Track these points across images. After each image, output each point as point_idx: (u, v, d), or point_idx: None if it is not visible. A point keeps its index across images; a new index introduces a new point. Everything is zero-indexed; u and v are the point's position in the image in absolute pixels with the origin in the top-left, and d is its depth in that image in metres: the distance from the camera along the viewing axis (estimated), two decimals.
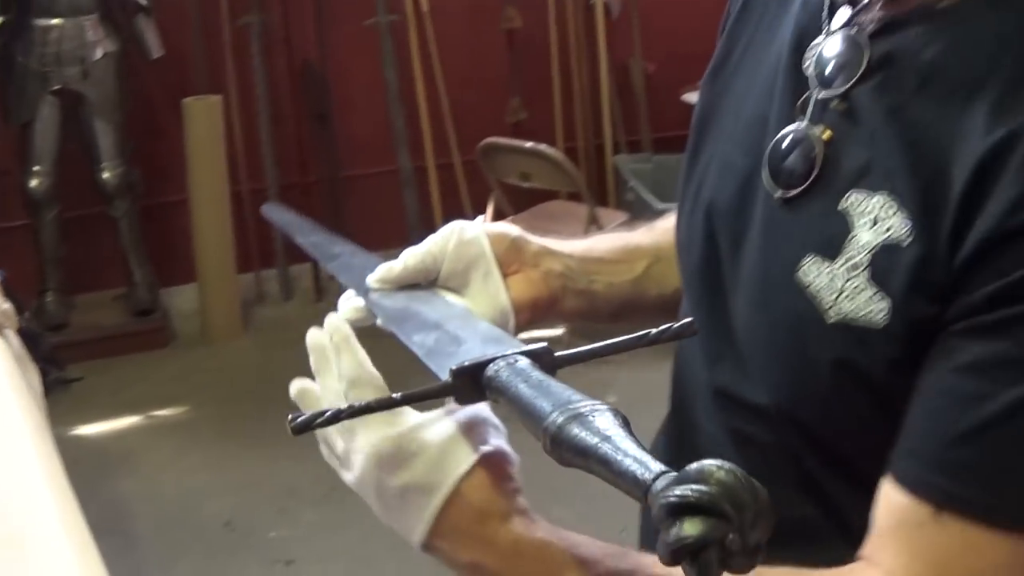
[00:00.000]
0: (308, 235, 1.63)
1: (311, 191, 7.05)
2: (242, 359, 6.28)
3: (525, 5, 7.21)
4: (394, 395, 1.12)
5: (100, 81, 6.26)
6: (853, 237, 1.14)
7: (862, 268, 1.13)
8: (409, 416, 1.17)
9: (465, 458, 1.16)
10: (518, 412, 1.01)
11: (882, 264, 1.12)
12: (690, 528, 0.79)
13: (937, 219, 1.07)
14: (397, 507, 1.17)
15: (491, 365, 1.08)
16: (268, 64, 6.87)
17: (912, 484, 1.08)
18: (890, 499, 1.10)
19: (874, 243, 1.12)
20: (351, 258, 1.54)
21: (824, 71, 1.22)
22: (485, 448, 1.17)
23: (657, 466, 0.84)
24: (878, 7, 1.19)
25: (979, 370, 1.04)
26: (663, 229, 1.62)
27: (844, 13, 1.23)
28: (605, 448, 0.88)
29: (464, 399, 1.12)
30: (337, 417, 1.09)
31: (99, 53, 6.23)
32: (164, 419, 5.69)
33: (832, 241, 1.15)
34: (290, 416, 1.09)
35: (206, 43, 6.75)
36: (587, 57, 7.39)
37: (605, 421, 0.91)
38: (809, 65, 1.24)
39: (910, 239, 1.09)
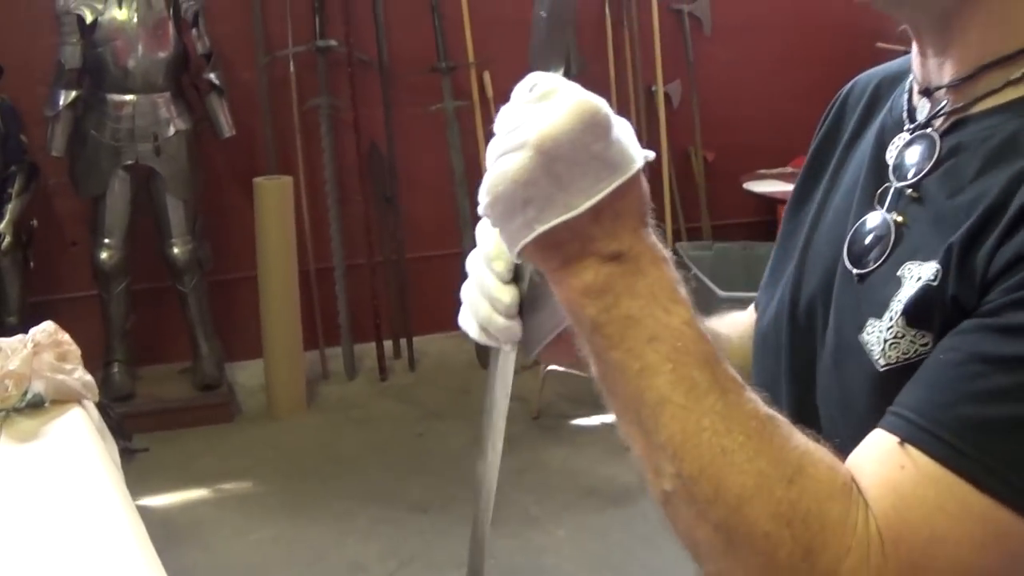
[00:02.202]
0: None
1: (376, 271, 7.10)
2: (307, 436, 6.28)
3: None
4: None
5: (172, 158, 6.34)
6: (897, 294, 1.26)
7: (897, 315, 1.24)
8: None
9: (641, 154, 1.17)
10: None
11: (919, 308, 1.22)
12: None
13: (974, 251, 1.18)
14: (576, 174, 1.13)
15: None
16: (336, 146, 6.96)
17: (887, 424, 1.16)
18: (869, 437, 1.18)
19: (909, 294, 1.23)
20: None
21: (903, 167, 1.36)
22: (647, 152, 1.18)
23: None
24: (948, 106, 1.34)
25: (963, 332, 1.15)
26: (732, 323, 1.78)
27: (923, 107, 1.39)
28: None
29: None
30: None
31: (172, 130, 6.32)
32: (231, 492, 5.70)
33: (884, 302, 1.27)
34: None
35: (275, 124, 6.87)
36: (648, 144, 7.45)
37: None
38: (891, 159, 1.39)
39: (939, 277, 1.20)
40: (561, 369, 6.15)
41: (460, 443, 6.07)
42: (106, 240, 6.36)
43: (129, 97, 6.27)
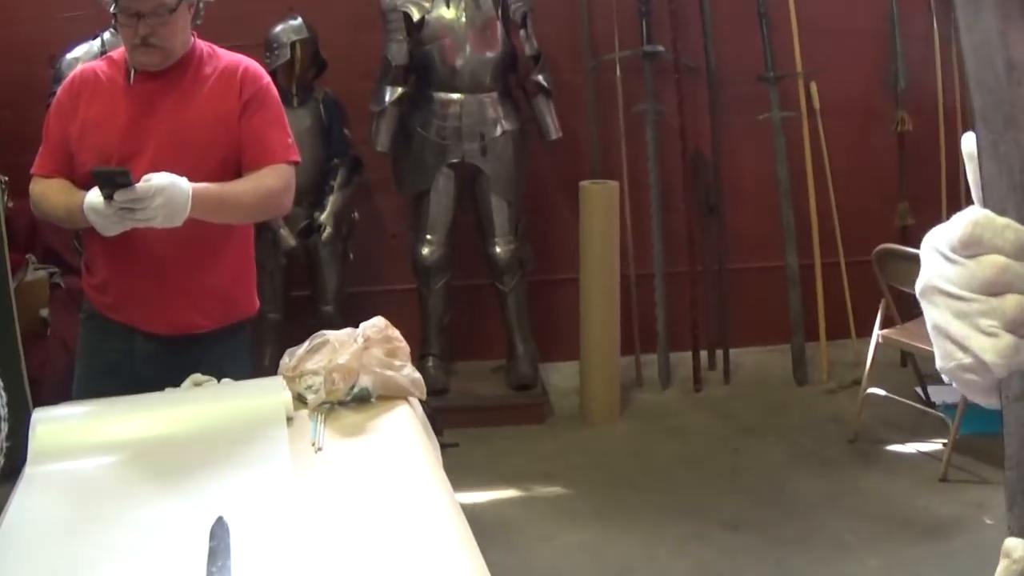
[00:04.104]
0: None
1: (696, 280, 7.04)
2: (619, 443, 6.25)
3: (917, 108, 7.06)
4: None
5: (498, 158, 6.38)
6: None
7: None
8: None
9: None
10: None
11: None
12: None
13: None
14: None
15: None
16: (660, 152, 6.90)
17: None
18: None
19: None
20: None
21: None
22: None
23: None
24: None
25: None
26: None
27: None
28: None
29: None
30: None
31: (498, 130, 6.36)
32: (539, 494, 5.70)
33: None
34: None
35: (600, 128, 6.86)
36: None
37: None
38: None
39: None
40: (882, 392, 6.00)
41: (775, 462, 5.96)
42: (428, 236, 6.43)
43: (456, 96, 6.34)
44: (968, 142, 1.15)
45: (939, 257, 1.12)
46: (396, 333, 3.14)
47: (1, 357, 4.87)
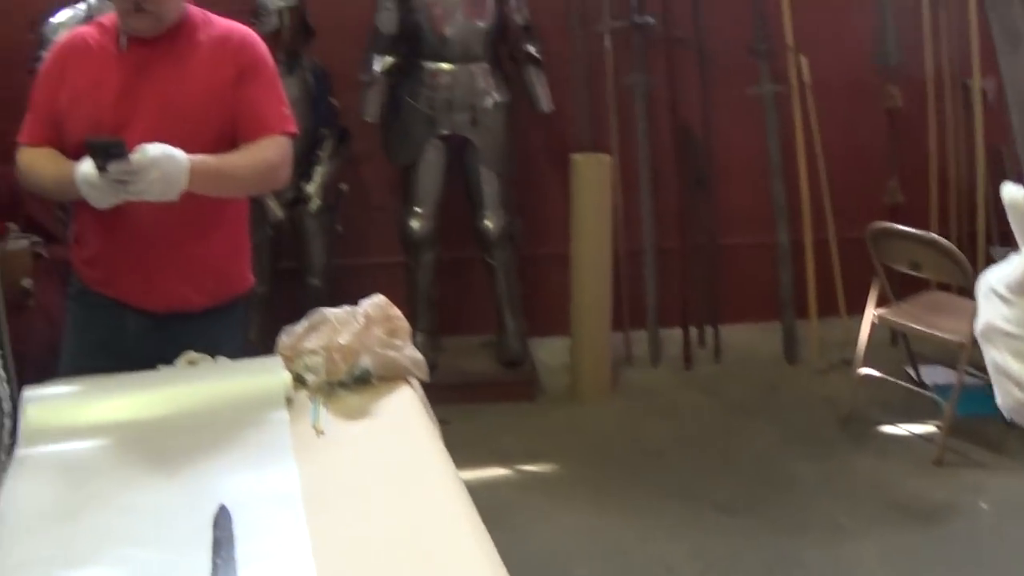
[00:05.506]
0: None
1: (687, 256, 6.99)
2: (610, 422, 6.18)
3: (906, 84, 7.01)
4: None
5: (488, 129, 6.30)
6: None
7: None
8: None
9: None
10: None
11: None
12: None
13: None
14: None
15: None
16: (651, 126, 6.83)
17: None
18: None
19: None
20: None
21: None
22: None
23: None
24: None
25: None
26: None
27: None
28: None
29: None
30: None
31: (489, 102, 6.28)
32: (533, 474, 5.65)
33: None
34: None
35: (590, 101, 6.77)
36: (963, 141, 7.12)
37: None
38: None
39: None
40: (875, 373, 5.95)
41: (768, 443, 5.92)
42: (417, 209, 6.35)
43: (446, 66, 6.26)
44: (1010, 191, 1.11)
45: (996, 299, 1.09)
46: (397, 312, 3.06)
47: None
